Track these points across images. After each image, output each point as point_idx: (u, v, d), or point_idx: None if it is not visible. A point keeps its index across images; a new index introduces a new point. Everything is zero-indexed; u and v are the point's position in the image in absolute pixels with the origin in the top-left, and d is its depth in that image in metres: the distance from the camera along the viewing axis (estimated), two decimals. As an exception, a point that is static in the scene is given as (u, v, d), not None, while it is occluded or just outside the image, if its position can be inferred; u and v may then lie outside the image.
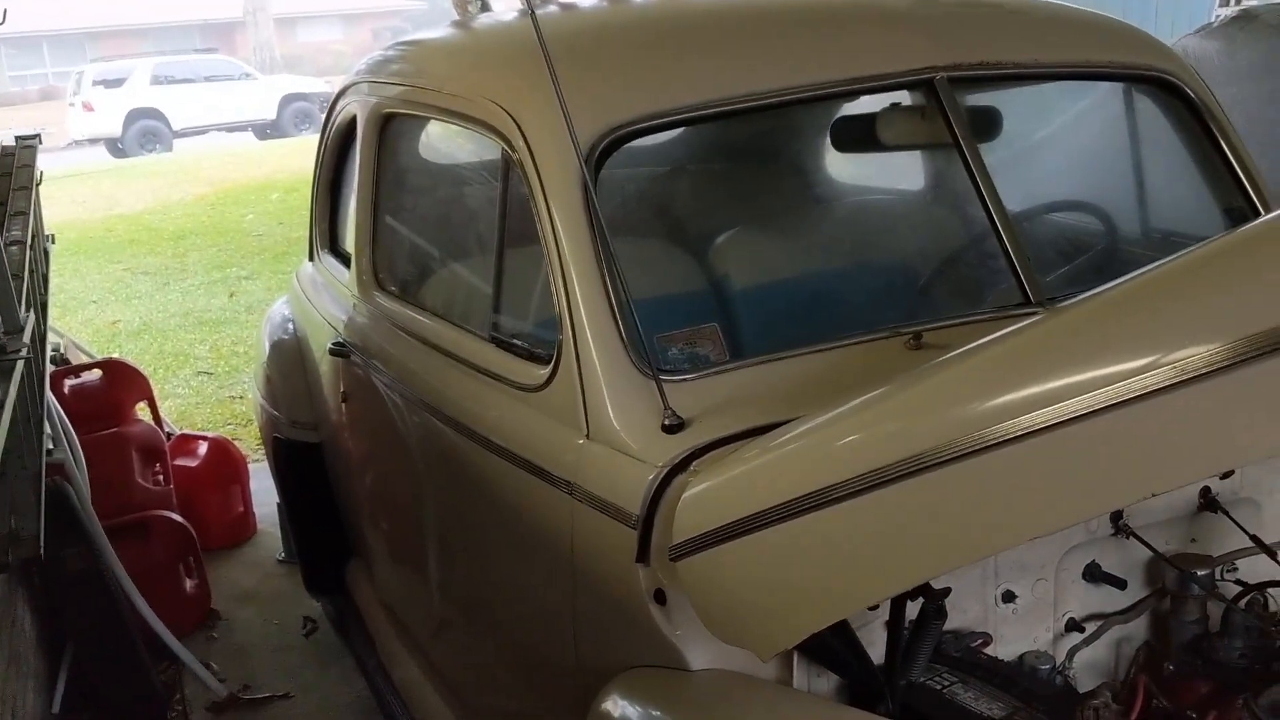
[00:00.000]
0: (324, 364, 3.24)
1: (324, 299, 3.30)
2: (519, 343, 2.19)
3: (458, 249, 2.86)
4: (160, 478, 4.33)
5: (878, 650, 1.70)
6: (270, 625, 4.02)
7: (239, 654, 3.84)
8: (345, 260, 3.14)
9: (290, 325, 3.70)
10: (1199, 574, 1.80)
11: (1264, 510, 1.94)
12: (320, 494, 3.54)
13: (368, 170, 2.89)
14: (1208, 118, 2.42)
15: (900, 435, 1.42)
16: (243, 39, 31.91)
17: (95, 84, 22.27)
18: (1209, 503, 1.90)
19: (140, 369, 4.82)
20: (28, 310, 2.81)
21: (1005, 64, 2.27)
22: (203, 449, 4.67)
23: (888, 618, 1.68)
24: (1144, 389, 1.19)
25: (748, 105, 2.15)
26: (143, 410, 4.75)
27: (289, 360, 3.62)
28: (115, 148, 21.76)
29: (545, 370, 2.05)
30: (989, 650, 1.81)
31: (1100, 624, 1.89)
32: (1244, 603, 1.80)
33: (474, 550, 2.46)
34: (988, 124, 2.36)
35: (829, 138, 2.60)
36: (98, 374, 4.64)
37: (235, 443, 4.99)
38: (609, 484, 1.85)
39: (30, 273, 3.14)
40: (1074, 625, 1.90)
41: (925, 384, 1.49)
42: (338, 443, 3.30)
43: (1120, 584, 1.87)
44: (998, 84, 2.39)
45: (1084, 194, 2.49)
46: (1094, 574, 1.88)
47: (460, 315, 2.51)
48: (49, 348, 4.17)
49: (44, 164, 4.28)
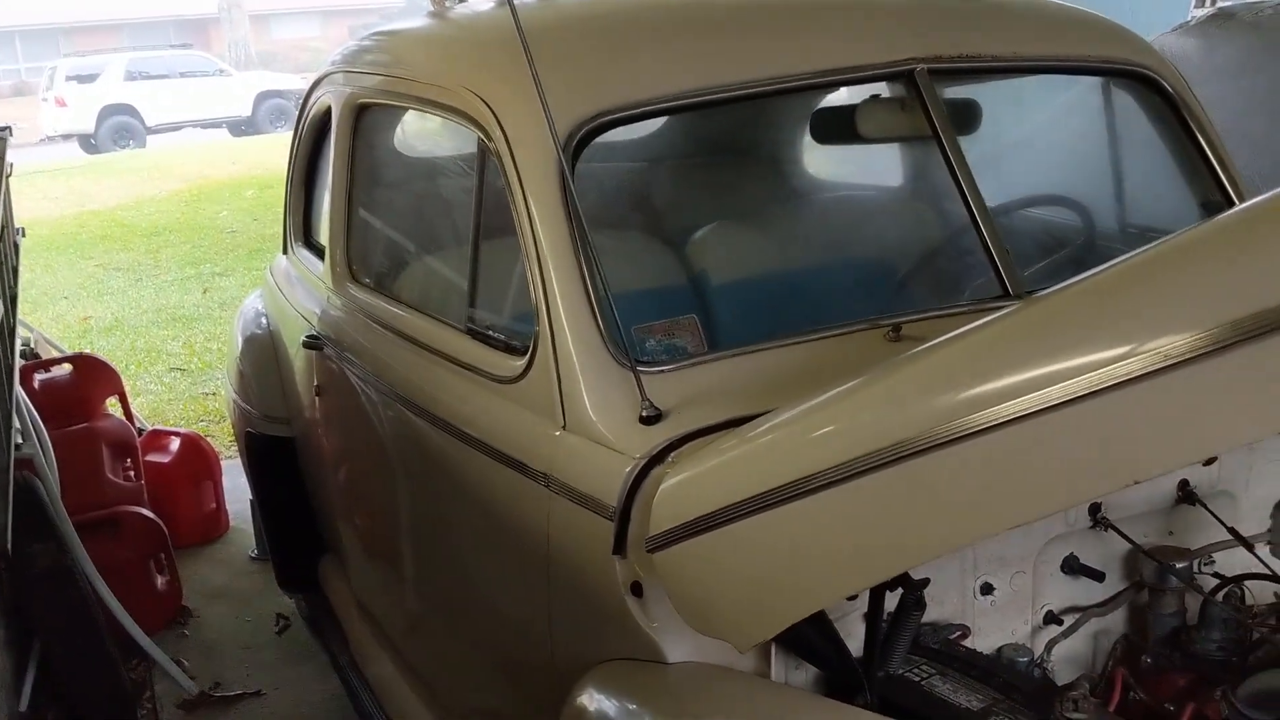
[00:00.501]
0: (298, 357, 3.21)
1: (298, 292, 3.27)
2: (495, 334, 2.17)
3: (433, 240, 2.83)
4: (131, 473, 4.29)
5: (856, 642, 1.69)
6: (242, 622, 3.99)
7: (210, 651, 3.80)
8: (319, 253, 3.11)
9: (264, 319, 3.67)
10: (1177, 566, 1.79)
11: (1241, 503, 1.94)
12: (293, 489, 3.51)
13: (342, 161, 2.86)
14: (1185, 112, 2.43)
15: (878, 424, 1.41)
16: (218, 35, 31.74)
17: (68, 79, 22.10)
18: (1187, 495, 1.90)
19: (111, 364, 4.77)
20: (-4, 302, 2.77)
21: (985, 57, 2.27)
22: (175, 445, 4.63)
23: (866, 609, 1.67)
24: (1124, 376, 1.18)
25: (727, 95, 2.14)
26: (114, 405, 4.70)
27: (262, 354, 3.58)
28: (88, 144, 21.58)
29: (521, 361, 2.03)
30: (967, 642, 1.80)
31: (1078, 616, 1.88)
32: (1221, 595, 1.80)
33: (449, 544, 2.44)
34: (967, 117, 2.36)
35: (809, 130, 2.60)
36: (68, 369, 4.59)
37: (208, 439, 4.96)
38: (586, 476, 1.84)
39: (-1, 265, 3.10)
40: (1052, 618, 1.90)
41: (902, 373, 1.47)
42: (311, 437, 3.27)
43: (1098, 576, 1.87)
44: (978, 77, 2.39)
45: (1063, 188, 2.49)
46: (1072, 566, 1.87)
47: (436, 307, 2.48)
48: (19, 342, 4.12)
49: (16, 160, 4.23)
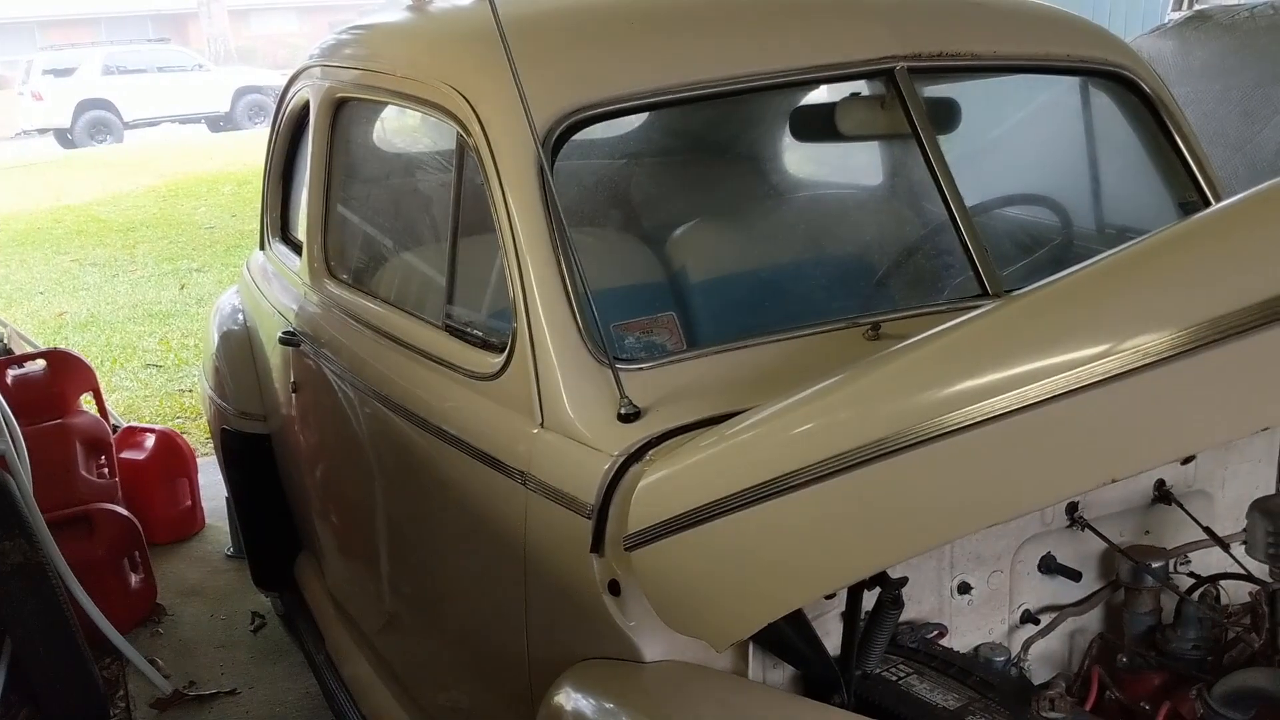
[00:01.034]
0: (274, 354, 3.18)
1: (274, 288, 3.25)
2: (473, 330, 2.16)
3: (411, 235, 2.81)
4: (105, 470, 4.25)
5: (834, 641, 1.69)
6: (217, 621, 3.96)
7: (184, 650, 3.77)
8: (296, 248, 3.09)
9: (240, 315, 3.64)
10: (1153, 566, 1.80)
11: (1217, 502, 1.95)
12: (269, 487, 3.48)
13: (320, 156, 2.84)
14: (1163, 113, 2.44)
15: (856, 422, 1.40)
16: (196, 30, 31.58)
17: (44, 73, 21.90)
18: (1163, 495, 1.90)
19: (85, 360, 4.72)
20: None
21: (965, 55, 2.27)
22: (150, 442, 4.59)
23: (844, 608, 1.67)
24: (1102, 374, 1.18)
25: (707, 92, 2.13)
26: (88, 402, 4.65)
27: (238, 350, 3.56)
28: (64, 138, 21.41)
29: (499, 358, 2.01)
30: (944, 641, 1.80)
31: (1055, 616, 1.89)
32: (1197, 595, 1.80)
33: (426, 542, 2.43)
34: (947, 115, 2.37)
35: (788, 127, 2.59)
36: (41, 364, 4.53)
37: (184, 436, 4.92)
38: (563, 473, 1.82)
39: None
40: (1029, 617, 1.90)
41: (881, 371, 1.47)
42: (287, 434, 3.24)
43: (1075, 576, 1.87)
44: (957, 76, 2.39)
45: (1041, 188, 2.50)
46: (1049, 566, 1.88)
47: (413, 303, 2.46)
48: (-9, 337, 4.08)
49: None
